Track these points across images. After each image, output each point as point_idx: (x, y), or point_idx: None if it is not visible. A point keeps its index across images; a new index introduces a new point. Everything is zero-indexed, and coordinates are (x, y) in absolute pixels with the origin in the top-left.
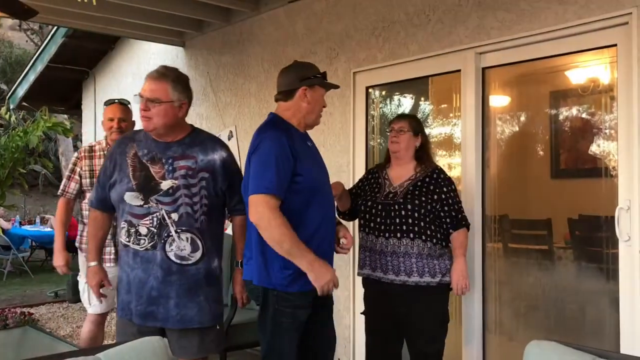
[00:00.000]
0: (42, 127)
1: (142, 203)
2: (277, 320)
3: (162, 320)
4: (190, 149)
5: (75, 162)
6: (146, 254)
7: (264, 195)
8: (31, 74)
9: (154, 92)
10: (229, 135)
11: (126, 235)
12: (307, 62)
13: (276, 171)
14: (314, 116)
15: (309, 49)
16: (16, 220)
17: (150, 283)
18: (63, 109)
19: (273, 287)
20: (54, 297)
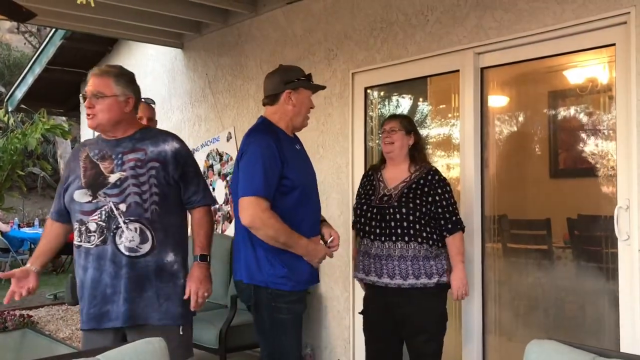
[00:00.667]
0: (41, 129)
1: (91, 199)
2: (275, 317)
3: (114, 319)
4: (140, 143)
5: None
6: (97, 251)
7: (254, 198)
8: (29, 76)
9: (97, 86)
10: (228, 136)
11: (77, 236)
12: (292, 66)
13: (264, 174)
14: (301, 118)
15: (307, 50)
16: (15, 222)
17: (104, 281)
18: (62, 111)
19: (266, 285)
20: (53, 300)
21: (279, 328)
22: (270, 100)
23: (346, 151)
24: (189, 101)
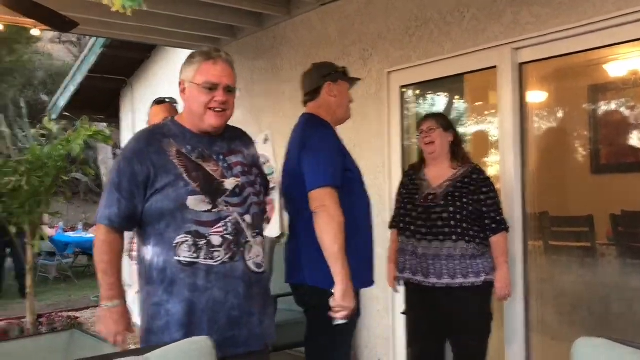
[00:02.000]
0: (84, 135)
1: (210, 207)
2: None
3: (244, 345)
4: (233, 143)
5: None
6: (224, 268)
7: (329, 189)
8: (71, 85)
9: (231, 79)
10: (265, 138)
11: (192, 251)
12: (326, 62)
13: (333, 164)
14: (343, 110)
15: (342, 51)
16: (60, 227)
17: (230, 302)
18: (102, 118)
19: (328, 286)
20: (97, 302)
21: (336, 333)
22: (312, 96)
23: (382, 151)
24: None
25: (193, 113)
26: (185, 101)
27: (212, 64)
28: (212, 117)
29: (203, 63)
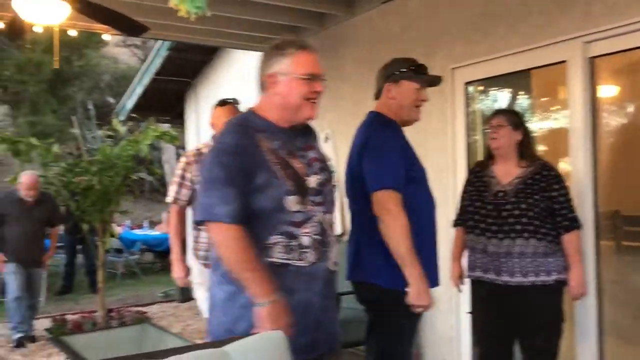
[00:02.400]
0: (151, 136)
1: (299, 207)
2: (395, 320)
3: (322, 346)
4: (308, 138)
5: (184, 168)
6: (310, 270)
7: (391, 191)
8: (138, 87)
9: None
10: (326, 138)
11: (285, 251)
12: (401, 58)
13: (395, 165)
14: (406, 111)
15: (404, 48)
16: (126, 225)
17: (315, 304)
18: (168, 119)
19: (389, 285)
20: (163, 297)
21: (397, 331)
22: (376, 95)
23: (447, 148)
24: None
25: (287, 106)
26: (274, 94)
27: (308, 54)
28: (309, 109)
29: (298, 53)
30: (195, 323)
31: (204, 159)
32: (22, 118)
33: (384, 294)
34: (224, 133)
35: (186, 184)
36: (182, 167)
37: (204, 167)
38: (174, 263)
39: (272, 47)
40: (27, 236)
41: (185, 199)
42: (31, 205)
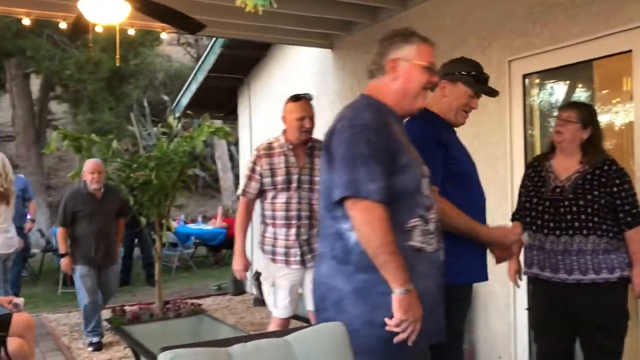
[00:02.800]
0: (206, 132)
1: (428, 192)
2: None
3: (436, 336)
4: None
5: (255, 161)
6: (432, 257)
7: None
8: (193, 84)
9: None
10: None
11: (422, 235)
12: (467, 60)
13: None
14: (453, 113)
15: (459, 40)
16: (181, 219)
17: (433, 291)
18: (222, 115)
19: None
20: (217, 290)
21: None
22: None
23: (504, 142)
24: (338, 100)
25: (407, 92)
26: (394, 79)
27: (429, 46)
28: (422, 99)
29: (421, 44)
30: (248, 316)
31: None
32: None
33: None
34: (359, 111)
35: (255, 177)
36: (253, 160)
37: (340, 143)
38: (236, 255)
39: (393, 34)
40: (100, 232)
41: (254, 192)
42: (100, 199)
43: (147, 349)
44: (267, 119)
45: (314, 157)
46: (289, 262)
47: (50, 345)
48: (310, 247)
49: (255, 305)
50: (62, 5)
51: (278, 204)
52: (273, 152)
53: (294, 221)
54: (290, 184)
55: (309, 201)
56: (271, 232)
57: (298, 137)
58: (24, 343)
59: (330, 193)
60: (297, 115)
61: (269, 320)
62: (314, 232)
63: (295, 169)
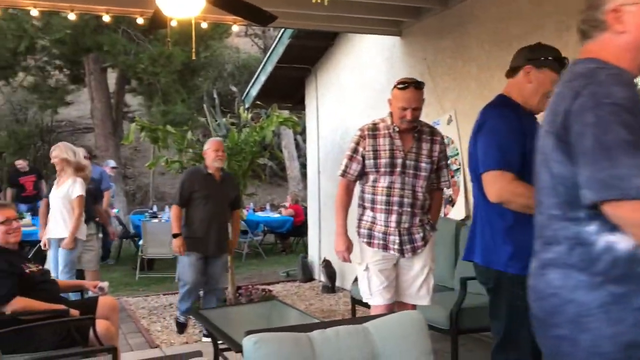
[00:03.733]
0: (275, 122)
1: None
2: (514, 304)
3: None
4: None
5: (358, 142)
6: None
7: (498, 171)
8: (262, 75)
9: None
10: (448, 119)
11: None
12: (548, 45)
13: (504, 146)
14: (536, 99)
15: (534, 24)
16: (250, 207)
17: None
18: (289, 106)
19: (504, 268)
20: (285, 277)
21: (515, 316)
22: (510, 73)
23: None
24: None
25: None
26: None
27: None
28: None
29: None
30: (317, 302)
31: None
32: (155, 108)
33: (499, 277)
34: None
35: (357, 158)
36: (356, 140)
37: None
38: (337, 236)
39: None
40: (214, 217)
41: (355, 173)
42: (219, 182)
43: (224, 333)
44: (334, 108)
45: (422, 141)
46: (387, 247)
47: (130, 327)
48: (410, 237)
49: (323, 292)
50: (140, 2)
51: (379, 187)
52: (378, 133)
53: (396, 207)
54: (394, 167)
55: (412, 188)
56: (370, 216)
57: (400, 124)
58: (110, 324)
59: (570, 190)
60: (400, 105)
61: (338, 307)
62: (415, 221)
63: (400, 153)
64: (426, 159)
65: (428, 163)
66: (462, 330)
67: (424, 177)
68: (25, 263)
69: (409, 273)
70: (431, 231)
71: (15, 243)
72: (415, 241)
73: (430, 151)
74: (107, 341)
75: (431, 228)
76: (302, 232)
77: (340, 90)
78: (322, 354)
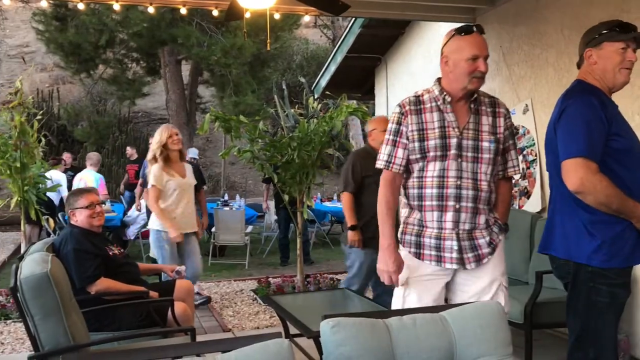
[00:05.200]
0: (345, 112)
1: None
2: (592, 300)
3: None
4: None
5: (399, 120)
6: None
7: (581, 159)
8: (332, 65)
9: None
10: (524, 109)
11: None
12: (604, 21)
13: (588, 133)
14: (610, 75)
15: (619, 7)
16: (317, 197)
17: None
18: (359, 95)
19: (585, 261)
20: None
21: (595, 312)
22: (578, 64)
23: None
24: None
25: None
26: None
27: None
28: None
29: None
30: None
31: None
32: (226, 99)
33: (578, 270)
34: None
35: (402, 141)
36: (396, 119)
37: None
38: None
39: None
40: None
41: (402, 162)
42: None
43: (296, 318)
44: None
45: (481, 114)
46: (441, 258)
47: (204, 311)
48: (472, 241)
49: None
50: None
51: (429, 178)
52: (422, 108)
53: (452, 202)
54: (447, 150)
55: (473, 176)
56: (417, 217)
57: (465, 87)
58: (186, 307)
59: None
60: (469, 55)
61: None
62: (479, 220)
63: (454, 131)
64: (489, 136)
65: (492, 142)
66: (537, 325)
67: (488, 161)
68: (108, 246)
69: (470, 290)
70: (500, 234)
71: (99, 226)
72: (479, 247)
73: (494, 127)
74: (184, 322)
75: (500, 230)
76: None
77: (411, 79)
78: (399, 340)
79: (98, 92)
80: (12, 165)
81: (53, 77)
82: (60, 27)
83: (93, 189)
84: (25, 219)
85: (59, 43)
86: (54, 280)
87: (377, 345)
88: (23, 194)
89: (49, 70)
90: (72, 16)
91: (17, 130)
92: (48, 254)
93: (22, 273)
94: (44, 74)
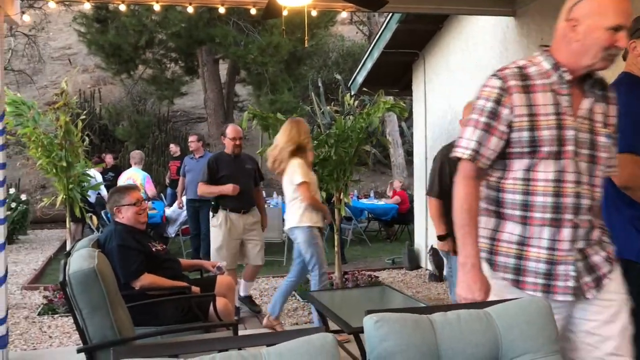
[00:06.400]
0: (382, 109)
1: None
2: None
3: None
4: None
5: (499, 99)
6: None
7: (629, 155)
8: (369, 62)
9: None
10: None
11: None
12: None
13: (635, 128)
14: None
15: None
16: (354, 194)
17: None
18: (396, 91)
19: (636, 259)
20: (391, 264)
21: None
22: (624, 56)
23: None
24: None
25: None
26: None
27: None
28: None
29: None
30: (424, 290)
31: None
32: (263, 97)
33: (628, 267)
34: None
35: (499, 127)
36: (495, 97)
37: None
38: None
39: None
40: None
41: (492, 155)
42: None
43: (336, 314)
44: (443, 93)
45: (595, 100)
46: (552, 288)
47: (243, 307)
48: (587, 261)
49: (430, 280)
50: None
51: (541, 182)
52: (533, 85)
53: (569, 216)
54: (562, 145)
55: (590, 180)
56: (516, 232)
57: (593, 63)
58: (227, 302)
59: None
60: (613, 22)
61: (446, 295)
62: (594, 235)
63: (570, 119)
64: (604, 129)
65: (607, 136)
66: None
67: (605, 161)
68: (151, 242)
69: (591, 322)
70: (612, 244)
71: (143, 223)
72: (597, 268)
73: (606, 116)
74: (225, 317)
75: (610, 238)
76: (407, 220)
77: (449, 74)
78: (443, 336)
79: (138, 92)
80: (58, 164)
81: (95, 78)
82: (101, 29)
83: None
84: (70, 217)
85: (100, 45)
86: (101, 275)
87: (421, 340)
88: (68, 192)
89: (90, 71)
90: (113, 18)
91: (62, 130)
92: (94, 250)
93: (71, 268)
94: (85, 75)
